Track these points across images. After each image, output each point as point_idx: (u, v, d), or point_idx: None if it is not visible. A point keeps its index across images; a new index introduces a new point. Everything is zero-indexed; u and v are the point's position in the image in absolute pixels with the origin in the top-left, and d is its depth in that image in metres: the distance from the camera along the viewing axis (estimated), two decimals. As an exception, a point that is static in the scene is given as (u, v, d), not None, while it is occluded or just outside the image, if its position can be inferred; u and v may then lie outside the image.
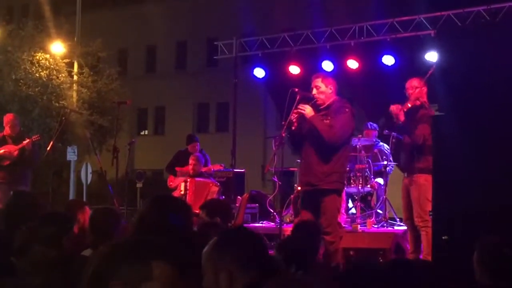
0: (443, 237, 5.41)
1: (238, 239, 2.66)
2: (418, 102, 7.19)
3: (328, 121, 6.68)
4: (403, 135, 7.43)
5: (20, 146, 9.55)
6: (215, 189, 9.50)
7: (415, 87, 7.26)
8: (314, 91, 6.85)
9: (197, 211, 9.00)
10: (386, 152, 9.74)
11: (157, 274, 1.81)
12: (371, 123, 10.17)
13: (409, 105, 7.16)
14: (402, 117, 7.08)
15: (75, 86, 19.41)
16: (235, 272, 2.51)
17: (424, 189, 6.76)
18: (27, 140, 9.55)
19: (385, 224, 9.26)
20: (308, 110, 6.70)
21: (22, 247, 3.74)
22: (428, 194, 6.23)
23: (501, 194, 5.31)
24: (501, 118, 5.49)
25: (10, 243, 3.78)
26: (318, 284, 2.61)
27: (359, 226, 9.07)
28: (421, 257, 7.11)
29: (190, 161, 9.71)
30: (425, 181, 6.72)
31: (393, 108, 7.15)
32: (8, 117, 10.01)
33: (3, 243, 3.68)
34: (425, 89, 7.28)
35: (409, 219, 7.30)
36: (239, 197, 10.68)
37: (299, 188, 8.26)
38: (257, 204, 11.28)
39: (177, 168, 10.37)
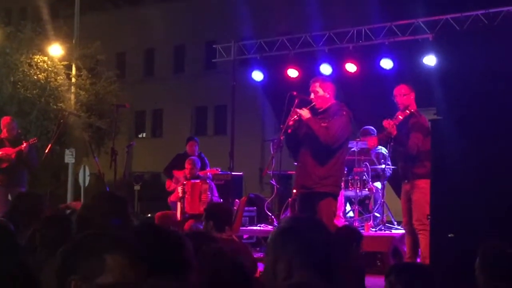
0: (449, 235, 5.41)
1: (306, 229, 2.38)
2: (407, 112, 7.24)
3: (325, 124, 6.69)
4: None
5: (17, 149, 9.53)
6: (205, 186, 9.67)
7: (403, 94, 7.32)
8: (312, 95, 6.85)
9: (196, 212, 9.21)
10: (385, 155, 9.72)
11: (110, 267, 1.88)
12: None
13: (400, 118, 7.22)
14: (394, 132, 7.13)
15: (73, 89, 19.39)
16: (294, 264, 2.29)
17: (424, 193, 6.78)
18: (25, 144, 9.53)
19: (382, 228, 9.26)
20: (305, 112, 6.71)
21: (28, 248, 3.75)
22: (428, 197, 6.25)
23: (500, 196, 5.31)
24: (499, 121, 5.50)
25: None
26: None
27: (357, 229, 9.06)
28: (418, 260, 7.11)
29: (186, 165, 9.85)
30: (425, 185, 6.75)
31: (386, 124, 7.18)
32: (5, 120, 9.99)
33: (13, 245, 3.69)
34: (412, 95, 7.36)
35: (408, 224, 7.33)
36: (237, 200, 10.68)
37: (295, 191, 8.26)
38: (255, 207, 11.29)
39: (174, 172, 10.38)
